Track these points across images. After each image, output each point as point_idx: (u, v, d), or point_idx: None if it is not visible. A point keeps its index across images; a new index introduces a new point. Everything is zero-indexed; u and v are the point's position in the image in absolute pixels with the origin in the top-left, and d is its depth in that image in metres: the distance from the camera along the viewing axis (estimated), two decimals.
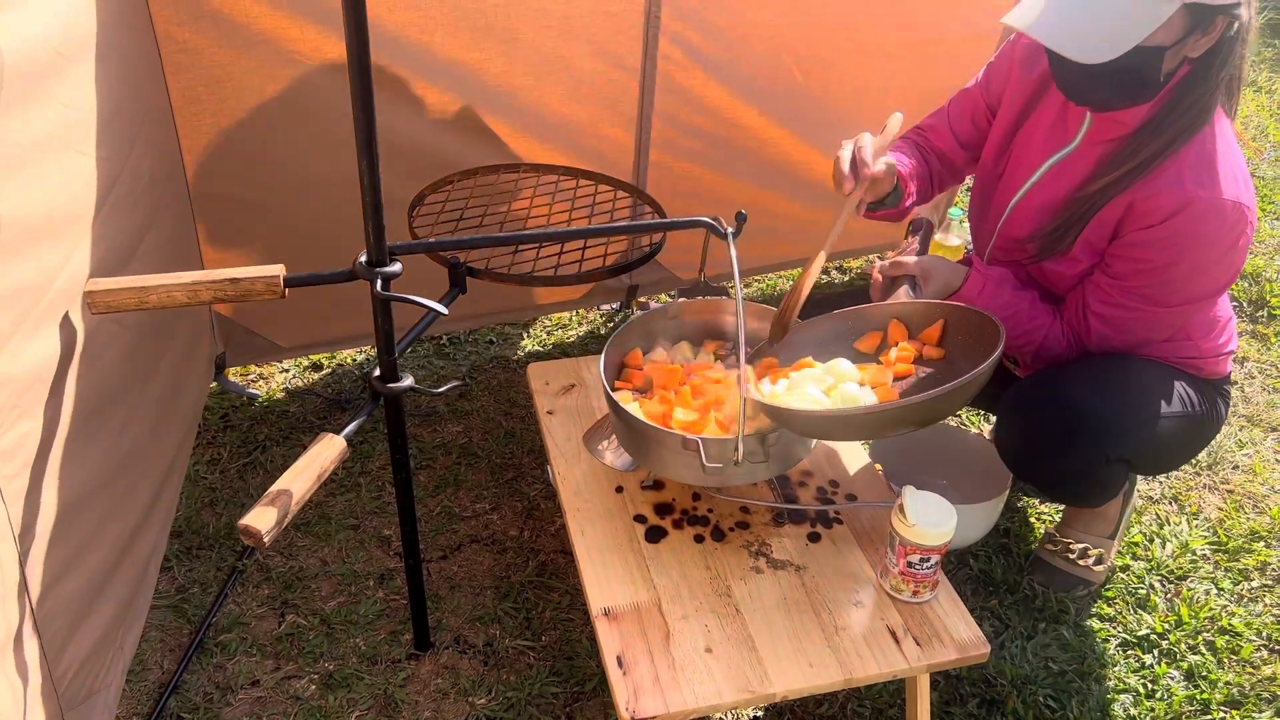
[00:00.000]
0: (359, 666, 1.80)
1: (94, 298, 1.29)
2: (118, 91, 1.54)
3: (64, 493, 1.33)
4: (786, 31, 2.34)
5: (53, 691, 1.30)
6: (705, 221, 1.54)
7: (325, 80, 2.00)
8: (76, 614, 1.39)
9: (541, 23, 2.11)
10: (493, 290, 2.47)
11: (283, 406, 2.39)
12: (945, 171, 1.99)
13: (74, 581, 1.38)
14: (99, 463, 1.47)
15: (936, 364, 1.59)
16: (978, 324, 1.54)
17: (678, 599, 1.51)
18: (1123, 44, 1.45)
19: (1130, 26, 1.45)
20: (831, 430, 1.54)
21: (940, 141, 1.97)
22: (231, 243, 2.16)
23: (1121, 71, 1.48)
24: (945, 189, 2.04)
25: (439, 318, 1.43)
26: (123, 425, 1.59)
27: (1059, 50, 1.49)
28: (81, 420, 1.38)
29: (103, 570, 1.50)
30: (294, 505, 1.21)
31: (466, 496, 2.17)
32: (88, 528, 1.43)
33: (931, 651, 1.45)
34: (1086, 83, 1.57)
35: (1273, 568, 2.09)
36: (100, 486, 1.48)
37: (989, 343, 1.47)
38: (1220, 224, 1.56)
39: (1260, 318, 2.92)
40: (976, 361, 1.43)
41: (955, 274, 1.75)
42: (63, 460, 1.32)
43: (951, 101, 1.97)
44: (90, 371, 1.41)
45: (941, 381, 1.45)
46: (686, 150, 2.47)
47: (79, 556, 1.40)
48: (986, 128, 1.91)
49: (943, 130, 1.96)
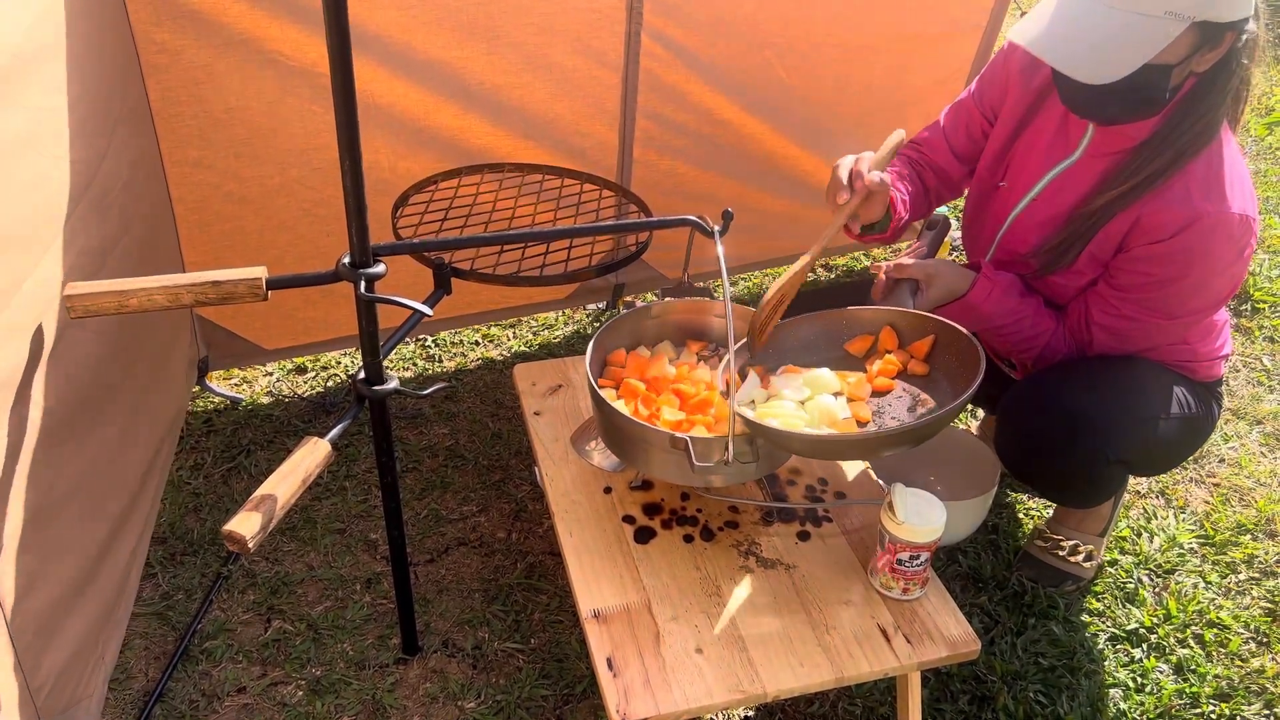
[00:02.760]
0: (346, 672, 1.78)
1: (73, 301, 1.27)
2: (90, 93, 1.52)
3: (34, 501, 1.30)
4: (769, 27, 2.34)
5: (30, 702, 1.28)
6: (692, 220, 1.53)
7: (307, 81, 1.98)
8: (52, 623, 1.37)
9: (523, 21, 2.09)
10: (478, 291, 2.47)
11: (267, 410, 2.37)
12: (942, 187, 1.96)
13: (48, 591, 1.35)
14: (72, 469, 1.45)
15: (920, 380, 1.58)
16: (966, 349, 1.52)
17: (667, 599, 1.50)
18: (1131, 63, 1.43)
19: (1138, 46, 1.43)
20: (801, 449, 1.53)
21: (937, 156, 1.94)
22: (213, 245, 2.14)
23: (1128, 89, 1.46)
24: (943, 203, 2.02)
25: (424, 319, 1.41)
26: (96, 430, 1.57)
27: (1067, 72, 1.46)
28: (52, 427, 1.36)
29: (79, 578, 1.48)
30: (278, 510, 1.19)
31: (453, 499, 2.16)
32: (62, 535, 1.41)
33: (922, 649, 1.45)
34: (1092, 99, 1.53)
35: (1260, 560, 2.10)
36: (74, 493, 1.46)
37: (971, 373, 1.46)
38: (1227, 238, 1.55)
39: (1244, 312, 2.93)
40: (957, 385, 1.46)
41: (961, 279, 1.72)
42: (32, 468, 1.30)
43: (945, 114, 1.94)
44: (61, 377, 1.39)
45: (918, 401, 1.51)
46: (670, 147, 2.46)
47: (53, 565, 1.37)
48: (982, 140, 1.88)
49: (938, 144, 1.93)
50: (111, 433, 1.65)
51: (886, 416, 1.53)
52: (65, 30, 1.42)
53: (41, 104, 1.34)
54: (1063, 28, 1.48)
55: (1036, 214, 1.74)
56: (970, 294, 1.71)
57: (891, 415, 1.53)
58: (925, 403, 1.54)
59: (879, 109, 2.60)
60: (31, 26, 1.32)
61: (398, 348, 2.59)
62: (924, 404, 1.54)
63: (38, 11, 1.35)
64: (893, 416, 1.53)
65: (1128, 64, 1.43)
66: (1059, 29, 1.48)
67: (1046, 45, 1.48)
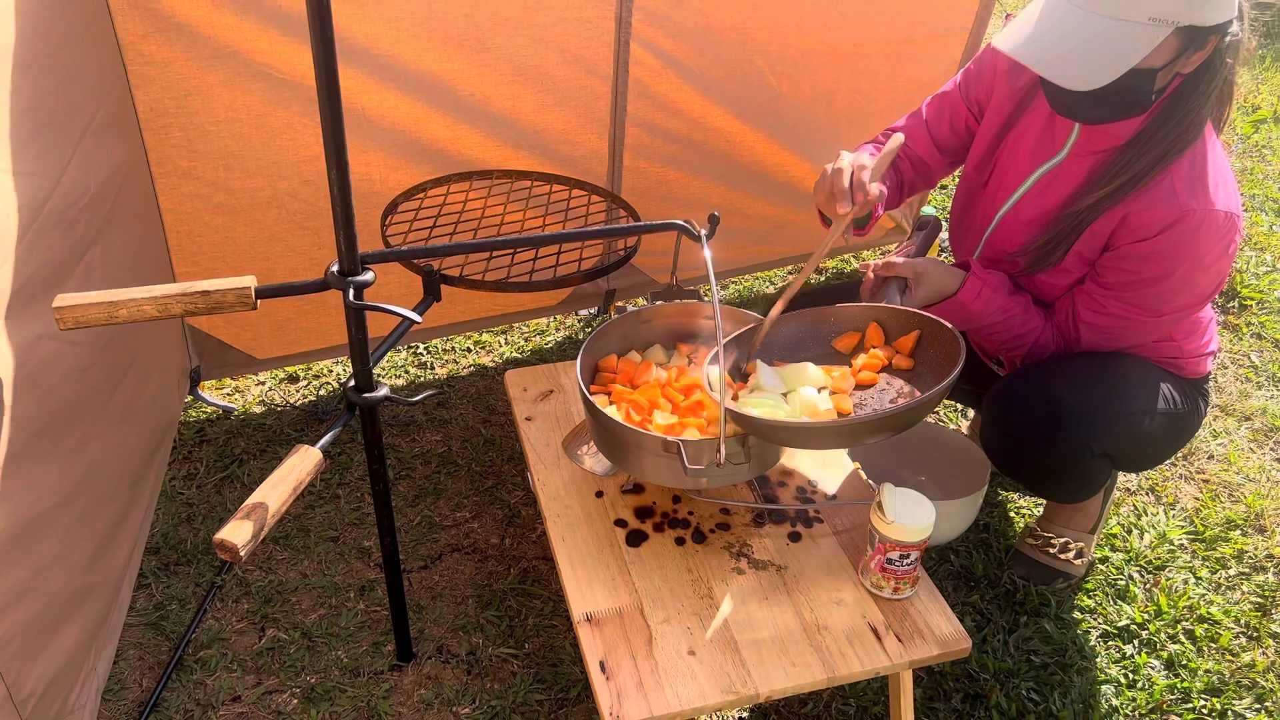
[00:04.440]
0: (341, 679, 1.79)
1: (62, 313, 1.27)
2: (47, 105, 1.49)
3: (13, 516, 1.30)
4: (757, 34, 2.35)
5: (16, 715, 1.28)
6: (678, 224, 1.54)
7: (296, 93, 1.99)
8: (38, 637, 1.37)
9: (513, 32, 2.11)
10: (470, 298, 2.48)
11: (259, 419, 2.38)
12: (918, 179, 1.96)
13: (32, 604, 1.35)
14: (55, 483, 1.44)
15: (904, 374, 1.60)
16: (949, 344, 1.53)
17: (660, 602, 1.50)
18: (1116, 70, 1.44)
19: (1123, 52, 1.44)
20: (786, 439, 1.54)
21: (917, 147, 1.93)
22: (204, 257, 2.15)
23: (1114, 91, 1.47)
24: (915, 195, 2.02)
25: (414, 326, 1.42)
26: (80, 443, 1.56)
27: (1053, 79, 1.48)
28: (27, 441, 1.35)
29: (66, 591, 1.48)
30: (270, 518, 1.20)
31: (446, 505, 2.16)
32: (46, 549, 1.40)
33: (913, 648, 1.45)
34: (1078, 101, 1.53)
35: (1249, 555, 2.12)
36: (58, 507, 1.45)
37: (952, 364, 1.47)
38: (1213, 234, 1.56)
39: (1232, 309, 2.95)
40: (940, 378, 1.47)
41: (951, 278, 1.73)
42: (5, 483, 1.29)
43: (928, 106, 1.93)
44: (33, 390, 1.37)
45: (900, 394, 1.54)
46: (660, 154, 2.47)
47: (37, 578, 1.37)
48: (965, 133, 1.89)
49: (919, 135, 1.92)
50: (102, 445, 1.64)
51: (869, 409, 1.54)
52: (15, 43, 1.39)
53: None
54: (1047, 35, 1.48)
55: (1023, 213, 1.75)
56: (960, 293, 1.72)
57: (873, 408, 1.55)
58: (907, 395, 1.55)
59: (867, 114, 2.61)
60: None
61: (390, 355, 2.60)
62: (905, 397, 1.55)
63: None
64: (874, 409, 1.54)
65: (1113, 70, 1.44)
66: (1043, 36, 1.49)
67: (1031, 53, 1.49)
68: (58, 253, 1.52)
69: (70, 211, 1.57)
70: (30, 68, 1.43)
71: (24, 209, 1.40)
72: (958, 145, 1.92)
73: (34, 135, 1.44)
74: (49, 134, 1.51)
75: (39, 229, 1.44)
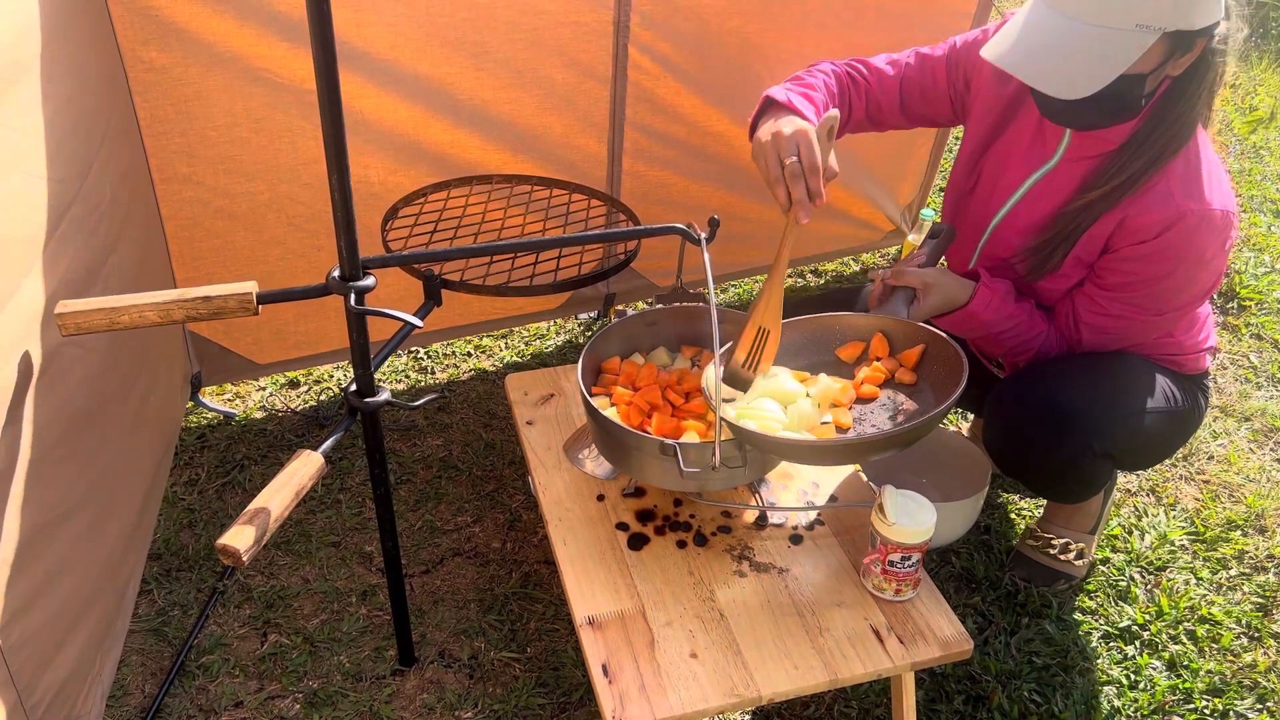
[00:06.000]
0: (343, 684, 1.79)
1: (65, 319, 1.28)
2: (72, 111, 1.51)
3: (30, 520, 1.30)
4: (756, 38, 2.35)
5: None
6: (678, 228, 1.54)
7: (295, 97, 1.99)
8: (50, 642, 1.37)
9: (511, 36, 2.11)
10: (470, 302, 2.48)
11: (260, 425, 2.38)
12: (867, 121, 1.88)
13: (46, 609, 1.35)
14: (69, 488, 1.45)
15: (907, 388, 1.59)
16: (953, 362, 1.52)
17: (661, 605, 1.51)
18: (1105, 77, 1.44)
19: (1111, 59, 1.44)
20: (778, 453, 1.54)
21: (882, 95, 1.85)
22: (204, 262, 2.15)
23: (1104, 98, 1.47)
24: (855, 133, 1.92)
25: (415, 330, 1.42)
26: (93, 449, 1.56)
27: (1042, 88, 1.48)
28: (46, 446, 1.36)
29: (77, 596, 1.48)
30: (272, 523, 1.20)
31: (448, 510, 2.17)
32: (59, 553, 1.41)
33: (915, 650, 1.46)
34: (1068, 108, 1.54)
35: (1250, 556, 2.12)
36: (72, 511, 1.46)
37: (955, 384, 1.47)
38: (1210, 233, 1.57)
39: (1231, 309, 2.95)
40: (941, 396, 1.48)
41: (962, 289, 1.72)
42: (26, 487, 1.30)
43: (911, 61, 1.85)
44: (53, 396, 1.38)
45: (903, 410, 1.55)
46: (660, 158, 2.48)
47: (50, 583, 1.37)
48: (936, 107, 1.84)
49: (890, 87, 1.85)
50: (109, 451, 1.65)
51: (867, 424, 1.54)
52: (42, 48, 1.41)
53: (16, 124, 1.33)
54: (1034, 44, 1.48)
55: (1018, 220, 1.75)
56: (972, 303, 1.72)
57: (872, 423, 1.54)
58: (907, 411, 1.55)
59: None
60: (8, 45, 1.32)
61: (390, 360, 2.60)
62: (904, 412, 1.55)
63: (13, 29, 1.34)
64: (872, 425, 1.54)
65: (1101, 78, 1.45)
66: (1030, 46, 1.49)
67: (1018, 62, 1.49)
68: (82, 258, 1.53)
69: (91, 218, 1.58)
70: (54, 75, 1.45)
71: (52, 215, 1.42)
72: (923, 115, 1.88)
73: (62, 142, 1.46)
74: (75, 140, 1.52)
75: (64, 235, 1.45)
